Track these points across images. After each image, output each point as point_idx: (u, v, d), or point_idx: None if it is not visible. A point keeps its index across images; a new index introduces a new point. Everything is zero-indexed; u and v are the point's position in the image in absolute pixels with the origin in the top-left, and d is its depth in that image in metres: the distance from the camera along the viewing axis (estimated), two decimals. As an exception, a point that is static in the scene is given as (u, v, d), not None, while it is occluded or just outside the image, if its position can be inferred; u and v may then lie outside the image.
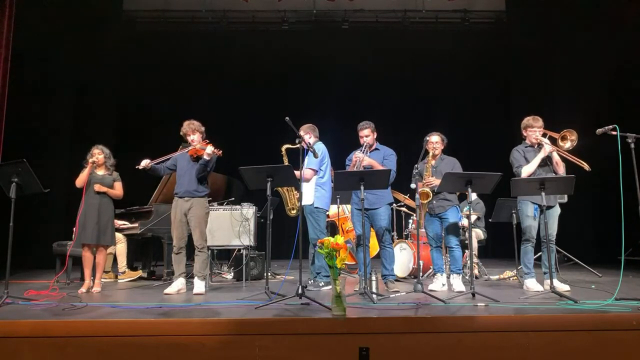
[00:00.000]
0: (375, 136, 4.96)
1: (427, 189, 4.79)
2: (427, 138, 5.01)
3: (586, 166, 4.59)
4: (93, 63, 8.78)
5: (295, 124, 4.24)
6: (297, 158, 4.33)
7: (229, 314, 3.44)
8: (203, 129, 4.90)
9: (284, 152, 5.38)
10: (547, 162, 4.68)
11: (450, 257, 4.97)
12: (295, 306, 3.66)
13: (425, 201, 4.84)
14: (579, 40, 8.33)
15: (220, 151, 4.71)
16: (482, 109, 9.62)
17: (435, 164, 4.99)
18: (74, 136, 8.64)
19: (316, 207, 4.96)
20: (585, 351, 3.01)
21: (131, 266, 6.14)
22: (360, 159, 4.70)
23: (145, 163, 4.70)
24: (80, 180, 4.86)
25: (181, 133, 4.90)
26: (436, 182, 4.71)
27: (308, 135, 5.07)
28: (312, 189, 4.98)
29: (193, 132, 4.84)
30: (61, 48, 8.32)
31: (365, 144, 4.85)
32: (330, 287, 3.96)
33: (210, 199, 5.08)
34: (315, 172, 4.99)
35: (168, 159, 4.93)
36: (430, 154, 4.99)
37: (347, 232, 6.96)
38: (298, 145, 4.27)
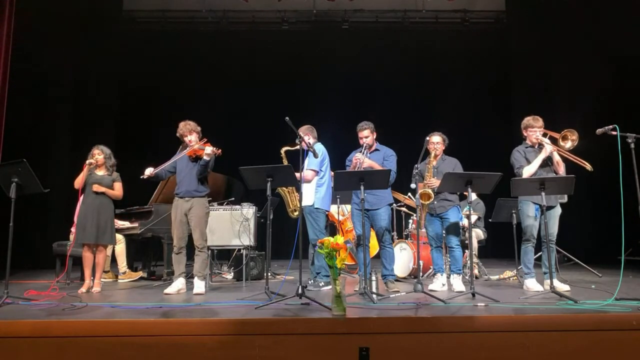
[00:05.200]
0: (374, 137, 4.96)
1: (429, 190, 4.78)
2: (428, 138, 5.00)
3: (588, 166, 4.58)
4: (93, 63, 8.78)
5: (295, 124, 4.24)
6: (296, 160, 4.33)
7: (229, 314, 3.44)
8: (199, 129, 4.90)
9: (283, 155, 5.37)
10: (547, 162, 4.68)
11: (450, 257, 4.97)
12: (295, 306, 3.66)
13: (427, 202, 4.83)
14: (578, 39, 8.33)
15: (220, 150, 4.71)
16: (482, 108, 9.61)
17: (436, 164, 4.98)
18: (74, 136, 8.63)
19: (316, 208, 4.97)
20: (585, 351, 3.01)
21: (131, 266, 6.14)
22: (360, 161, 4.69)
23: (149, 172, 4.71)
24: (77, 182, 4.86)
25: (178, 134, 4.90)
26: (436, 183, 4.70)
27: (307, 136, 5.07)
28: (313, 189, 4.98)
29: (190, 133, 4.83)
30: (61, 48, 8.31)
31: (364, 144, 4.84)
32: (330, 287, 3.96)
33: (210, 199, 5.08)
34: (316, 172, 4.99)
35: (169, 163, 4.91)
36: (432, 154, 4.98)
37: (347, 232, 6.96)
38: (297, 147, 4.27)
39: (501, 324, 3.15)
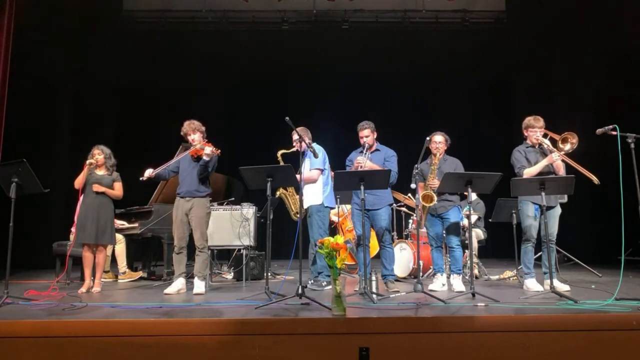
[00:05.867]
0: (375, 136, 4.95)
1: (431, 192, 4.76)
2: (430, 138, 4.95)
3: (595, 180, 4.56)
4: (93, 63, 8.78)
5: (295, 124, 4.24)
6: (294, 161, 4.32)
7: (229, 314, 3.44)
8: (204, 128, 4.90)
9: (279, 158, 5.35)
10: (549, 164, 4.66)
11: (450, 257, 4.96)
12: (295, 306, 3.66)
13: (429, 204, 4.81)
14: (578, 39, 8.33)
15: (219, 150, 4.71)
16: (482, 108, 9.61)
17: (437, 164, 4.96)
18: (74, 136, 8.63)
19: (325, 207, 5.00)
20: (585, 351, 3.01)
21: (131, 266, 6.14)
22: (362, 165, 4.65)
23: (148, 173, 4.71)
24: (77, 182, 4.86)
25: (182, 133, 4.90)
26: (437, 184, 4.69)
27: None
28: (320, 189, 4.99)
29: (193, 132, 4.83)
30: (61, 48, 8.31)
31: (365, 144, 4.84)
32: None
33: (211, 199, 5.08)
34: (322, 171, 5.00)
35: (170, 163, 4.91)
36: (437, 155, 4.96)
37: (347, 232, 6.97)
38: (294, 149, 4.27)
39: (501, 324, 3.15)
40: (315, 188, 4.98)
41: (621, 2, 7.54)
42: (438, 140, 4.97)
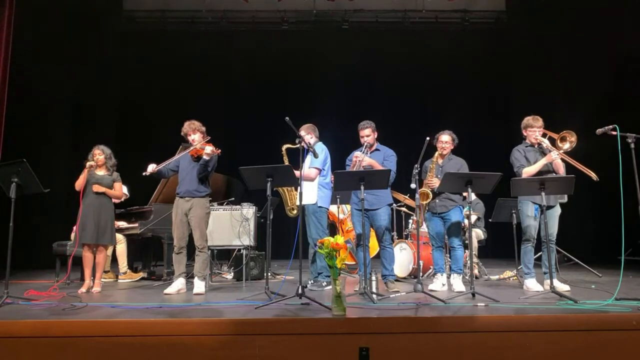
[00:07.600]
0: (376, 136, 4.95)
1: (427, 190, 4.76)
2: (436, 136, 4.96)
3: (594, 176, 4.55)
4: (93, 63, 8.78)
5: (295, 124, 4.24)
6: (296, 158, 4.33)
7: (229, 314, 3.45)
8: (204, 128, 4.90)
9: (284, 152, 5.37)
10: (548, 163, 4.66)
11: (451, 257, 4.96)
12: (295, 306, 3.66)
13: (425, 202, 4.82)
14: (579, 40, 8.33)
15: (219, 150, 4.71)
16: (482, 108, 9.62)
17: (441, 163, 4.96)
18: (74, 136, 8.63)
19: (319, 207, 4.97)
20: (585, 351, 3.00)
21: (131, 266, 6.14)
22: (360, 160, 4.68)
23: (151, 168, 4.71)
24: (78, 184, 4.87)
25: (182, 133, 4.90)
26: (437, 183, 4.69)
27: (309, 135, 5.07)
28: (315, 188, 4.98)
29: (194, 132, 4.83)
30: (61, 48, 8.31)
31: (365, 143, 4.84)
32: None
33: (211, 199, 5.08)
34: (320, 171, 4.99)
35: (171, 161, 4.91)
36: (438, 153, 4.96)
37: (347, 232, 6.96)
38: (298, 145, 4.27)
39: (501, 324, 3.15)
40: (309, 187, 4.96)
41: (621, 2, 7.54)
42: (444, 140, 4.97)
